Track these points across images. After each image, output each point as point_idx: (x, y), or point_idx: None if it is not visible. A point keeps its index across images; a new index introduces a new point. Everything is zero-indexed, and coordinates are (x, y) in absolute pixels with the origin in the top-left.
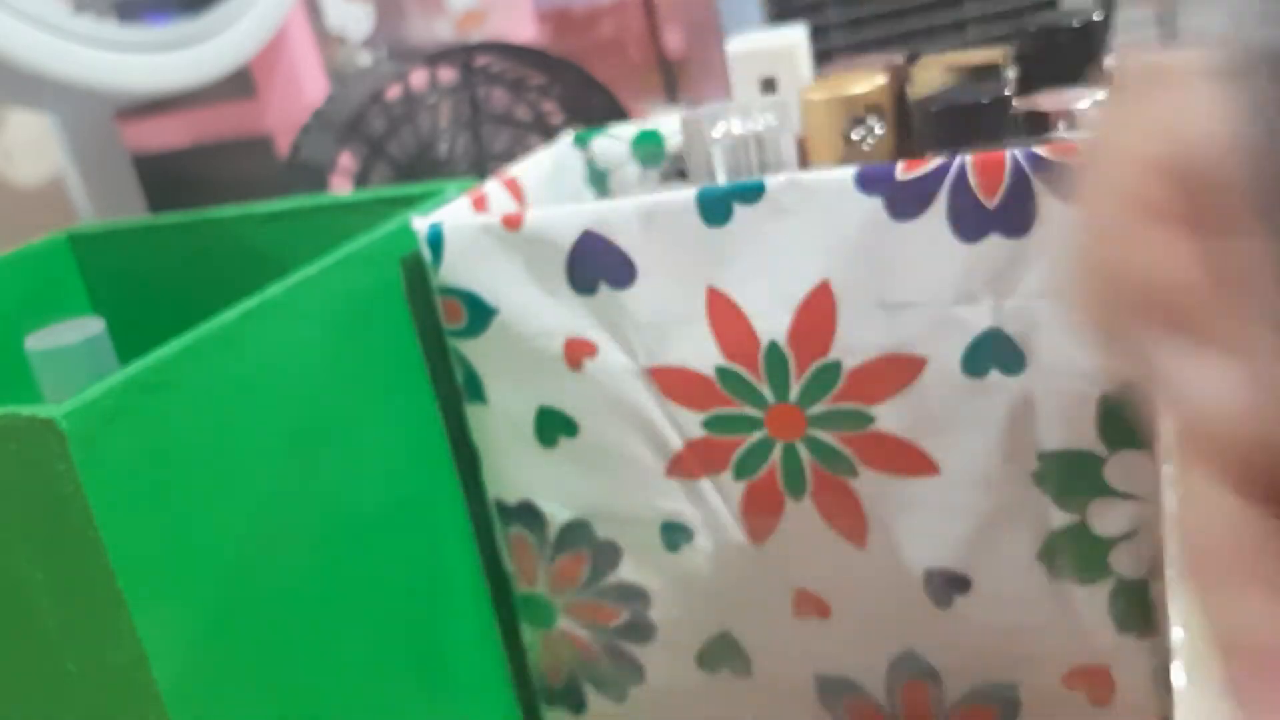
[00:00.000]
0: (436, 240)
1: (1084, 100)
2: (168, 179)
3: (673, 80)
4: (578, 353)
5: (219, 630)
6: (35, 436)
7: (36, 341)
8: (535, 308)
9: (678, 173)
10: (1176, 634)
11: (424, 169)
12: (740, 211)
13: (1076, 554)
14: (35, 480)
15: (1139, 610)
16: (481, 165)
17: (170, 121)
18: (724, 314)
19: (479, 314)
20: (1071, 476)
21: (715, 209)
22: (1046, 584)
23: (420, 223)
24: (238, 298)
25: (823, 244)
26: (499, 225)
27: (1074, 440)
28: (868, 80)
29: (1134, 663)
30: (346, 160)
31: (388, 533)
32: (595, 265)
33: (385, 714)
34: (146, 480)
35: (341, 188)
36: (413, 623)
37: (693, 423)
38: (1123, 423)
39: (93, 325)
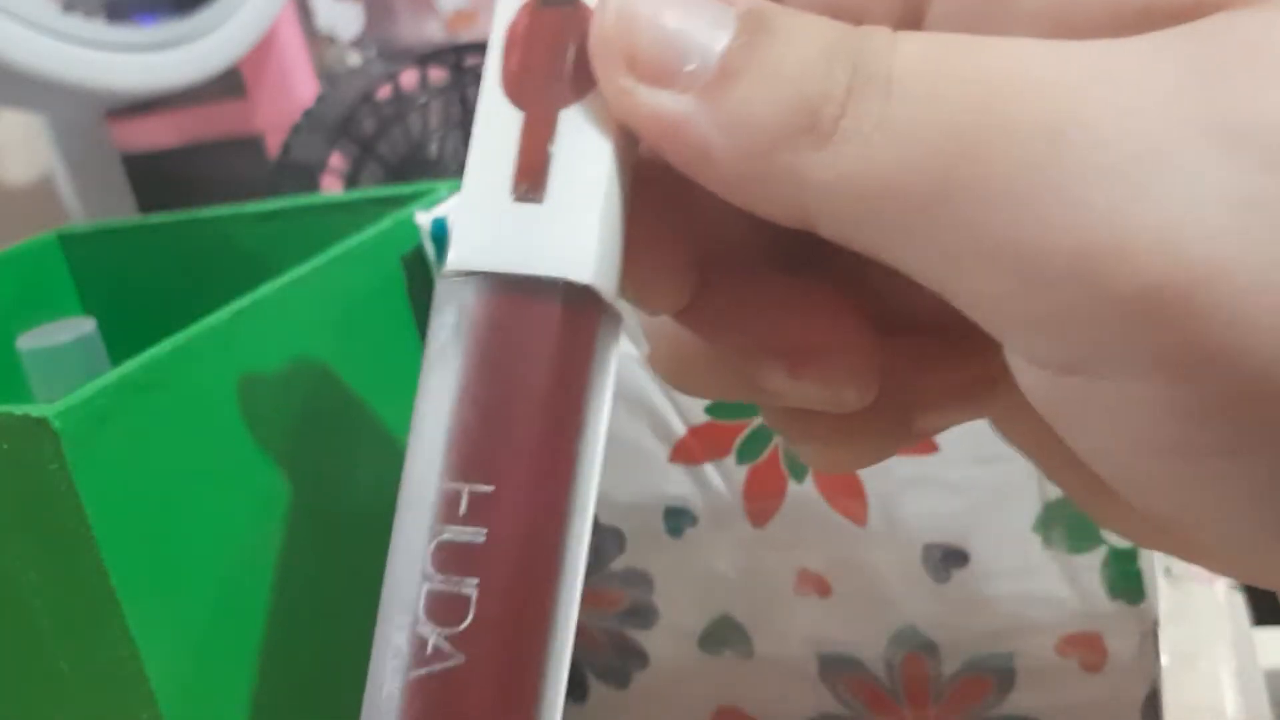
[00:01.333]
0: (441, 234)
1: None
2: (158, 179)
3: None
4: None
5: (214, 630)
6: (28, 436)
7: (27, 341)
8: None
9: None
10: (1165, 599)
11: (414, 169)
12: None
13: (1069, 524)
14: (27, 480)
15: (1129, 577)
16: None
17: (160, 121)
18: None
19: None
20: None
21: None
22: (1041, 555)
23: (424, 217)
24: (229, 297)
25: None
26: None
27: None
28: None
29: (1124, 629)
30: (337, 160)
31: (386, 530)
32: None
33: None
34: (140, 480)
35: (332, 188)
36: None
37: (696, 408)
38: None
39: (84, 325)
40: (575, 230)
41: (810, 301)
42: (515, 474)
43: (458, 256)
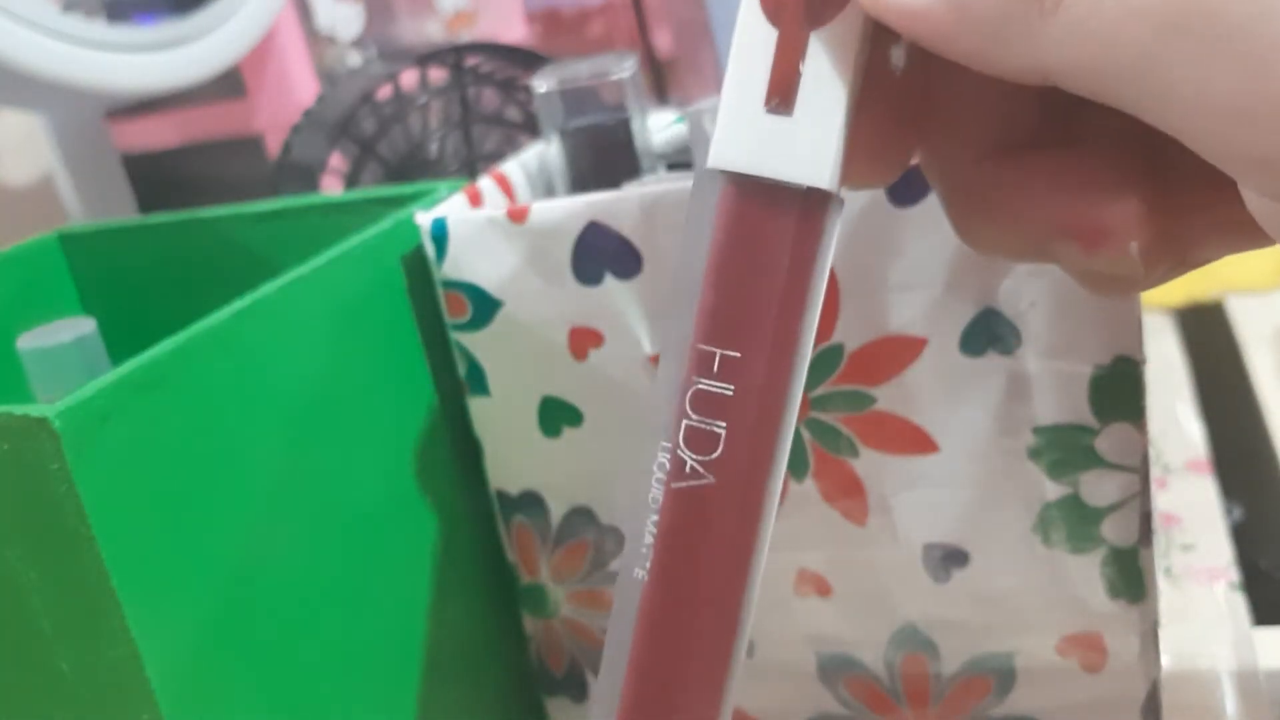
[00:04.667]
0: (440, 234)
1: None
2: (158, 179)
3: (662, 80)
4: (583, 342)
5: (215, 629)
6: (28, 436)
7: (27, 341)
8: (540, 299)
9: (682, 164)
10: (1165, 599)
11: (414, 169)
12: None
13: (1069, 524)
14: (28, 480)
15: (1129, 577)
16: (472, 165)
17: (160, 121)
18: None
19: (483, 307)
20: (1064, 449)
21: None
22: (1041, 555)
23: (423, 217)
24: (229, 297)
25: None
26: (504, 218)
27: (1067, 414)
28: None
29: (1124, 628)
30: (337, 160)
31: (387, 530)
32: (600, 255)
33: (385, 708)
34: (140, 480)
35: (332, 188)
36: (413, 618)
37: None
38: (1113, 396)
39: (84, 325)
40: (818, 142)
41: (1092, 176)
42: (758, 345)
43: (717, 156)
